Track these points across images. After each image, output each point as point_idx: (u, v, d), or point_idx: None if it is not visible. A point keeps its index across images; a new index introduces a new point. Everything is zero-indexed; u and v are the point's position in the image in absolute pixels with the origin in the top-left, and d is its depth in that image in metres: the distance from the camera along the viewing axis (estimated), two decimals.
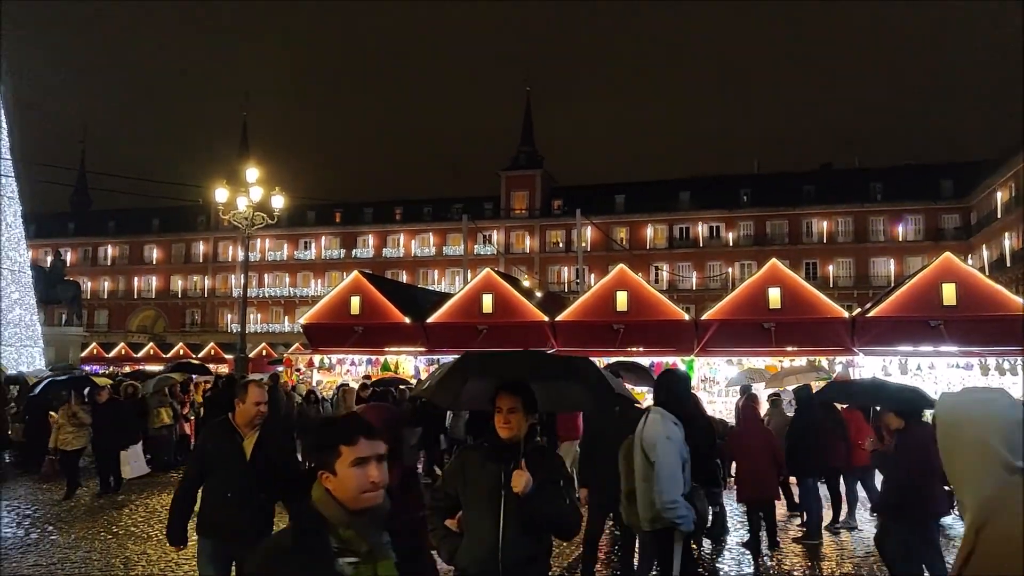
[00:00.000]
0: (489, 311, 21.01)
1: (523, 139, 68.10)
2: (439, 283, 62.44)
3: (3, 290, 26.19)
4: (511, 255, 62.11)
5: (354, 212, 68.47)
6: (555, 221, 63.98)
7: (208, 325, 68.60)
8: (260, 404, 4.47)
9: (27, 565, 7.86)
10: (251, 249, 39.02)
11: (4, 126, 27.26)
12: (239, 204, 21.49)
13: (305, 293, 66.54)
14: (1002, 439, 1.92)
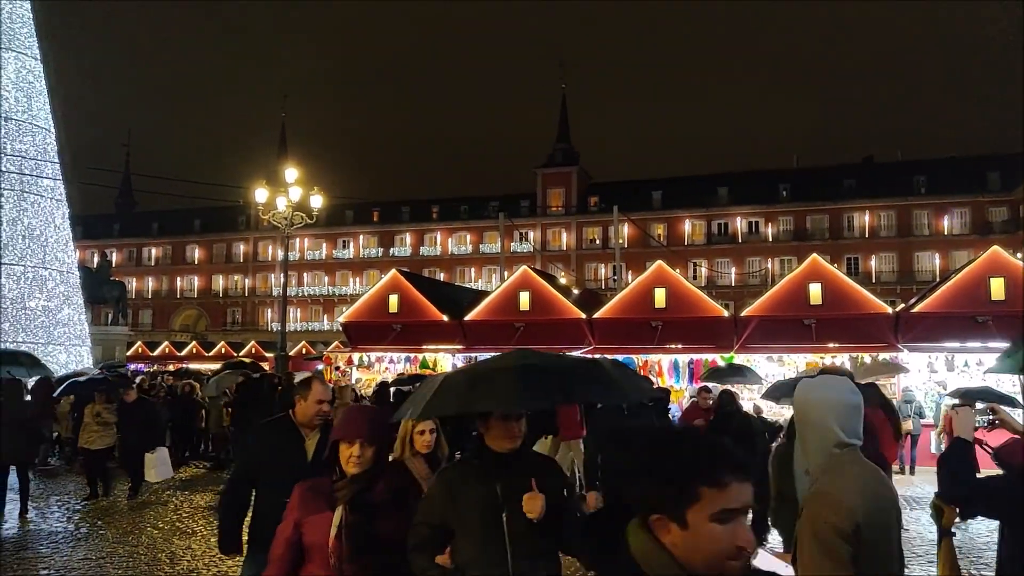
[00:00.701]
0: (526, 308, 21.00)
1: (559, 136, 67.94)
2: (476, 281, 62.63)
3: (53, 290, 26.88)
4: (548, 252, 62.02)
5: (392, 211, 68.99)
6: (591, 218, 63.74)
7: (249, 324, 69.68)
8: (323, 403, 4.11)
9: (77, 559, 8.05)
10: (290, 248, 39.49)
11: (52, 131, 27.96)
12: (278, 204, 21.77)
13: (343, 292, 67.22)
14: (837, 420, 2.44)
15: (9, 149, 26.14)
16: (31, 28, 27.67)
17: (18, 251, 25.97)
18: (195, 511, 10.59)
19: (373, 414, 3.17)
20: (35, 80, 27.56)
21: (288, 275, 33.03)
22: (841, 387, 2.52)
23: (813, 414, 2.49)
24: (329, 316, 66.57)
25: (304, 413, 4.10)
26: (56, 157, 27.94)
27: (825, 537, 2.27)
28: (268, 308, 70.06)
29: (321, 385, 4.15)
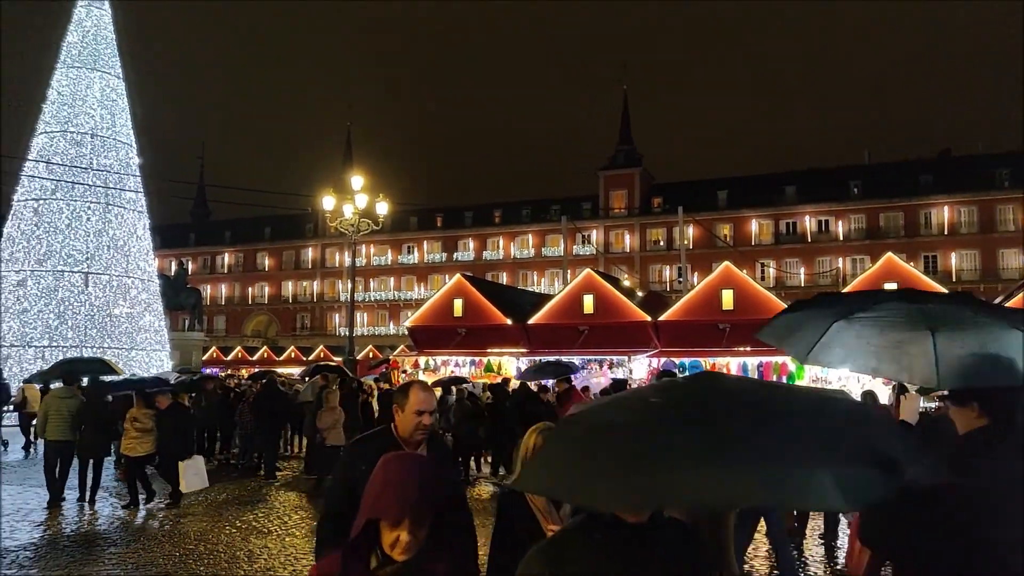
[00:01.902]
0: (590, 312, 20.95)
1: (621, 137, 67.51)
2: (538, 284, 62.67)
3: (136, 298, 28.06)
4: (611, 254, 61.65)
5: (455, 216, 69.66)
6: (655, 219, 63.09)
7: (317, 328, 71.27)
8: (423, 414, 3.47)
9: (163, 554, 8.40)
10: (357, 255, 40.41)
11: (133, 145, 29.21)
12: (345, 211, 22.25)
13: (409, 296, 68.15)
14: None
15: (95, 164, 27.44)
16: (114, 49, 28.99)
17: (104, 261, 27.19)
18: (269, 511, 10.91)
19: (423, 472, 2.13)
20: (118, 98, 28.86)
21: (355, 280, 33.69)
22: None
23: None
24: (395, 320, 67.58)
25: (404, 427, 3.49)
26: (137, 171, 29.16)
27: None
28: (336, 313, 71.54)
29: (422, 392, 3.52)
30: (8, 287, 26.63)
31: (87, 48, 28.34)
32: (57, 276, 26.48)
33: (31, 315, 26.08)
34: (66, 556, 8.33)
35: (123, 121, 28.90)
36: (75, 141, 27.49)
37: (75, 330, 26.22)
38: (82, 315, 26.44)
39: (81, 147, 27.47)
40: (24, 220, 27.22)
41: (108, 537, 9.31)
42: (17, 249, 26.96)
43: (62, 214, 26.93)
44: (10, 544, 8.90)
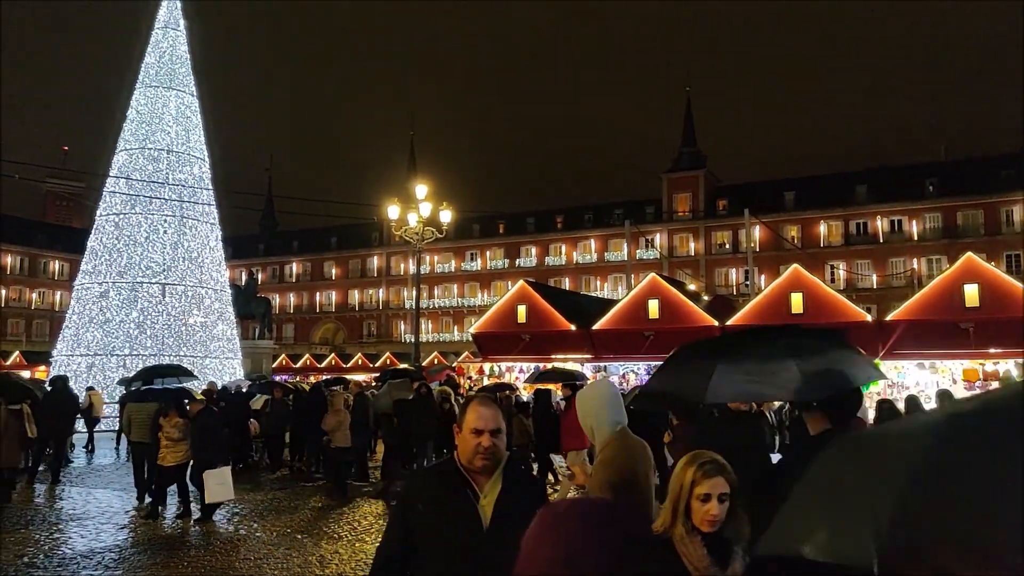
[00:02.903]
0: (655, 316, 20.70)
1: (684, 140, 66.67)
2: (601, 289, 62.30)
3: (209, 307, 28.96)
4: (675, 258, 60.88)
5: (517, 223, 69.86)
6: (720, 222, 62.06)
7: (383, 336, 72.32)
8: (481, 433, 2.76)
9: (239, 558, 8.61)
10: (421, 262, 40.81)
11: (206, 160, 30.20)
12: (410, 220, 22.52)
13: (472, 303, 68.59)
14: (610, 406, 3.69)
15: (171, 179, 28.46)
16: (188, 68, 30.06)
17: (180, 272, 28.14)
18: (339, 517, 11.08)
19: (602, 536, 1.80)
20: (192, 115, 29.89)
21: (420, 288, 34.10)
22: (608, 384, 3.98)
23: (591, 403, 3.76)
24: (459, 327, 68.07)
25: (463, 451, 2.83)
26: (210, 184, 30.11)
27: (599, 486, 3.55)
28: (401, 320, 72.48)
29: (479, 408, 2.84)
30: (91, 298, 27.81)
31: (163, 68, 29.45)
32: (136, 287, 27.51)
33: (113, 325, 27.15)
34: (147, 559, 8.62)
35: (197, 137, 29.91)
36: (152, 157, 28.57)
37: (153, 339, 27.18)
38: (159, 324, 27.40)
39: (158, 163, 28.53)
40: (106, 234, 28.39)
41: (186, 541, 9.60)
42: (100, 262, 28.13)
43: (141, 228, 27.99)
44: (96, 546, 9.25)
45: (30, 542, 9.37)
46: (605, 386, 3.90)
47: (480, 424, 2.80)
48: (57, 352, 28.24)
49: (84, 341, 27.33)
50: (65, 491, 13.24)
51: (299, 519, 10.88)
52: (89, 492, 13.16)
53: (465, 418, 2.85)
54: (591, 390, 3.95)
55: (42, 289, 73.70)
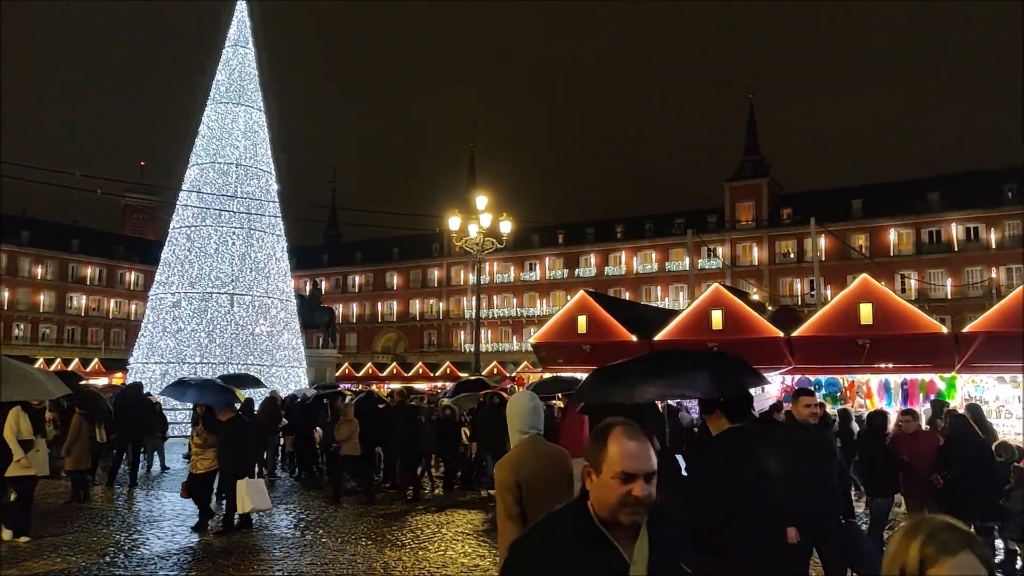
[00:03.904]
0: (719, 327, 20.36)
1: (747, 148, 65.64)
2: (662, 300, 61.63)
3: (275, 317, 29.69)
4: (738, 268, 59.85)
5: (576, 232, 69.73)
6: (784, 231, 60.80)
7: (443, 345, 72.93)
8: (632, 479, 2.07)
9: (305, 563, 8.79)
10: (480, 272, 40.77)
11: (273, 173, 31.05)
12: (470, 231, 22.71)
13: (531, 313, 68.65)
14: (523, 415, 4.07)
15: (239, 192, 29.34)
16: (256, 84, 31.00)
17: (247, 283, 28.93)
18: (402, 524, 11.19)
19: None
20: (259, 129, 30.79)
21: (480, 298, 34.31)
22: (527, 395, 4.31)
23: (511, 411, 4.16)
24: (518, 337, 68.18)
25: (601, 500, 2.10)
26: (276, 197, 30.92)
27: (500, 487, 3.87)
28: (461, 330, 73.00)
29: (630, 441, 2.12)
30: (165, 308, 28.81)
31: (233, 85, 30.44)
32: (206, 297, 28.38)
33: (184, 334, 28.05)
34: (221, 561, 8.86)
35: (264, 151, 30.78)
36: (222, 171, 29.49)
37: (223, 348, 27.98)
38: (228, 334, 28.19)
39: (227, 176, 29.44)
40: (179, 246, 29.39)
41: (257, 544, 9.83)
42: (172, 273, 29.13)
43: (211, 239, 28.89)
44: (172, 547, 9.57)
45: (111, 543, 9.74)
46: (523, 396, 4.27)
47: (631, 465, 2.07)
48: (133, 360, 29.31)
49: (158, 349, 28.31)
50: (142, 494, 13.71)
51: (363, 526, 11.04)
52: (164, 495, 13.59)
53: (604, 455, 2.11)
54: (512, 400, 4.33)
55: (119, 299, 76.68)
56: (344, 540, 10.01)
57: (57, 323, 71.95)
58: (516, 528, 3.72)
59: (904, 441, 8.86)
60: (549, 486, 3.82)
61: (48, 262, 71.20)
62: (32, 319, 70.22)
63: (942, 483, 7.75)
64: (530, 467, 3.90)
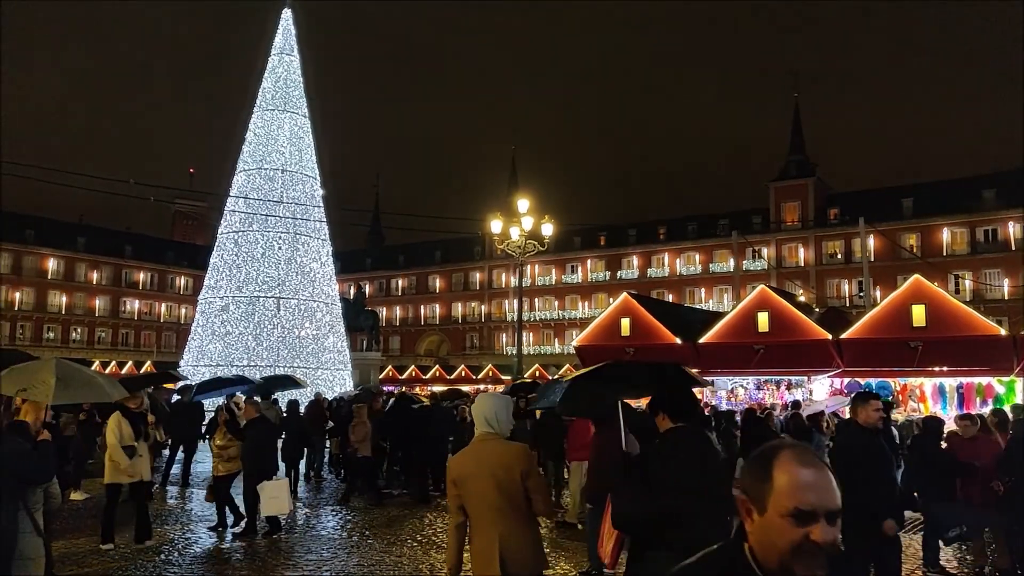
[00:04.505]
0: (765, 329, 20.07)
1: (792, 147, 64.56)
2: (706, 302, 60.93)
3: (320, 320, 30.11)
4: (783, 269, 58.89)
5: (618, 234, 69.33)
6: (831, 231, 59.64)
7: (486, 348, 73.10)
8: (812, 519, 1.60)
9: (352, 564, 8.88)
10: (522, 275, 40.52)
11: (317, 178, 31.51)
12: (512, 234, 22.73)
13: (573, 315, 68.44)
14: (489, 414, 4.30)
15: (285, 197, 29.83)
16: (301, 91, 31.53)
17: (293, 286, 29.41)
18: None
19: None
20: (304, 135, 31.29)
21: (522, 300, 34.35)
22: (498, 396, 4.59)
23: (477, 410, 4.38)
24: (560, 339, 68.02)
25: (767, 544, 1.66)
26: (321, 202, 31.37)
27: (447, 481, 4.33)
28: (503, 333, 73.11)
29: (806, 468, 1.65)
30: (214, 311, 29.42)
31: (279, 93, 30.99)
32: (253, 301, 28.92)
33: (232, 337, 28.62)
34: (270, 560, 9.01)
35: (308, 156, 31.27)
36: (268, 177, 30.04)
37: (269, 350, 28.47)
38: (275, 337, 28.68)
39: (273, 182, 29.97)
40: (227, 251, 30.01)
41: (304, 545, 9.96)
42: (221, 277, 29.75)
43: (257, 244, 29.44)
44: (223, 546, 9.76)
45: (166, 541, 9.96)
46: (483, 399, 4.53)
47: (808, 500, 1.59)
48: (184, 363, 29.99)
49: (207, 353, 28.92)
50: (194, 493, 14.00)
51: (408, 527, 11.11)
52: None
53: (770, 487, 1.63)
54: (476, 401, 4.61)
55: (170, 303, 78.53)
56: (390, 542, 10.08)
57: (112, 327, 73.94)
58: (452, 521, 4.31)
59: (962, 446, 8.61)
60: (486, 484, 4.11)
61: (103, 267, 73.24)
62: (88, 323, 72.26)
63: (1003, 489, 7.52)
64: (466, 465, 4.24)
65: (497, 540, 4.05)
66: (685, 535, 3.53)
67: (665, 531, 3.75)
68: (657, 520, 3.77)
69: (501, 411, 4.38)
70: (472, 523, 4.19)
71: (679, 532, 3.65)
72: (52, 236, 68.94)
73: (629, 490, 4.17)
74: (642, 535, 3.95)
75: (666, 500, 3.77)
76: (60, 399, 7.14)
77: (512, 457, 4.20)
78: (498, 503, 4.08)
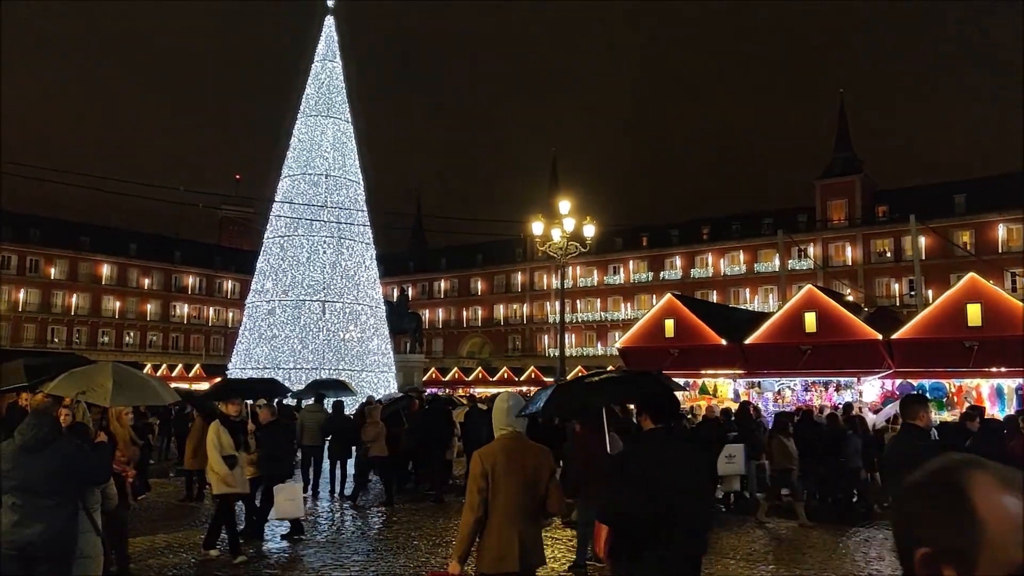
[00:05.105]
0: (812, 330, 19.72)
1: (838, 144, 63.32)
2: (750, 302, 60.09)
3: (365, 323, 30.42)
4: (830, 269, 57.79)
5: (661, 235, 68.77)
6: (880, 229, 58.35)
7: (528, 350, 73.11)
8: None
9: (399, 564, 8.96)
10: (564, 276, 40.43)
11: (361, 183, 31.85)
12: (553, 235, 22.68)
13: (615, 317, 68.05)
14: (500, 416, 4.61)
15: (329, 202, 30.21)
16: (344, 97, 31.90)
17: (338, 290, 29.76)
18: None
19: None
20: (347, 140, 31.65)
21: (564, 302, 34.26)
22: (513, 396, 4.82)
23: (497, 407, 4.67)
24: (602, 341, 67.71)
25: None
26: (364, 206, 31.70)
27: (473, 475, 4.44)
28: (545, 334, 73.02)
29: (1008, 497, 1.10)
30: (260, 315, 29.92)
31: (322, 98, 31.41)
32: (299, 305, 29.33)
33: (279, 340, 29.06)
34: (318, 560, 9.12)
35: (352, 161, 31.62)
36: (312, 182, 30.44)
37: (315, 353, 28.84)
38: (320, 340, 29.04)
39: (317, 187, 30.36)
40: (272, 255, 30.50)
41: (351, 545, 10.08)
42: (267, 281, 30.24)
43: (303, 248, 29.85)
44: (273, 547, 9.91)
45: (221, 539, 10.15)
46: (502, 398, 4.76)
47: None
48: (232, 365, 30.56)
49: (254, 356, 29.40)
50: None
51: (454, 530, 11.12)
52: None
53: (978, 532, 1.10)
54: (496, 403, 4.80)
55: (218, 307, 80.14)
56: (435, 543, 10.14)
57: (163, 331, 75.75)
58: (472, 515, 4.33)
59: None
60: (517, 480, 4.34)
61: (154, 273, 75.07)
62: (140, 327, 74.13)
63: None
64: (498, 462, 4.36)
65: (517, 536, 4.27)
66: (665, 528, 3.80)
67: (647, 525, 3.92)
68: (636, 514, 3.95)
69: (519, 410, 4.77)
70: (492, 518, 4.32)
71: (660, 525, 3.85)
72: (106, 243, 70.93)
73: (611, 485, 4.39)
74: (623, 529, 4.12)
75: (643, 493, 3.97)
76: (117, 401, 7.35)
77: (543, 458, 4.52)
78: (523, 501, 4.34)
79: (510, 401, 4.72)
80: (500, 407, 4.65)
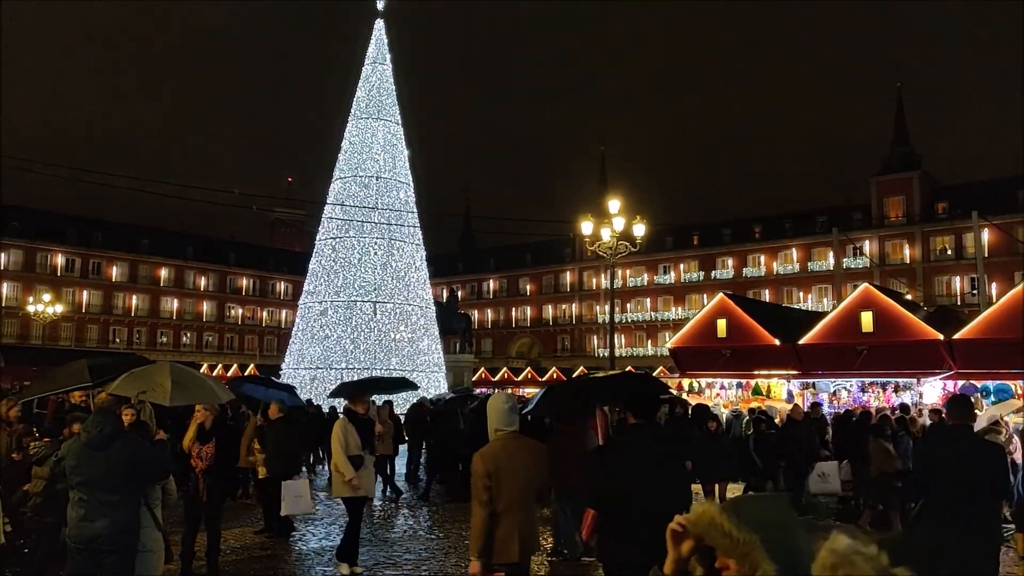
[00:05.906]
0: (869, 330, 19.23)
1: (896, 139, 61.64)
2: (804, 301, 58.89)
3: (415, 323, 30.69)
4: (887, 267, 56.28)
5: (712, 234, 67.86)
6: (939, 226, 56.63)
7: (577, 350, 72.86)
8: None
9: (450, 565, 9.02)
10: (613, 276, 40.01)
11: (411, 184, 32.15)
12: (603, 235, 22.54)
13: (666, 317, 67.38)
14: (497, 415, 4.82)
15: (380, 203, 30.58)
16: (394, 99, 32.25)
17: (389, 290, 30.09)
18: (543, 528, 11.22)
19: None
20: (397, 143, 31.98)
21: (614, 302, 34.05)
22: (505, 396, 5.05)
23: (491, 408, 4.88)
24: (652, 341, 67.11)
25: None
26: (414, 207, 31.98)
27: (478, 475, 4.61)
28: (594, 335, 72.69)
29: None
30: (313, 316, 30.42)
31: (372, 101, 31.81)
32: (351, 306, 29.74)
33: (331, 341, 29.51)
34: (370, 559, 9.22)
35: (402, 163, 31.95)
36: (363, 184, 30.84)
37: (366, 353, 29.21)
38: (371, 340, 29.40)
39: (368, 189, 30.76)
40: (324, 257, 30.99)
41: (403, 544, 10.17)
42: (319, 282, 30.74)
43: (354, 250, 30.27)
44: (326, 544, 10.05)
45: (270, 540, 10.34)
46: (498, 399, 5.00)
47: None
48: (285, 365, 31.14)
49: (307, 356, 29.91)
50: None
51: None
52: (317, 495, 14.28)
53: None
54: (490, 401, 5.03)
55: (271, 308, 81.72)
56: (460, 536, 10.15)
57: (218, 331, 77.53)
58: (483, 512, 4.57)
59: None
60: (518, 478, 4.65)
61: (210, 275, 76.90)
62: (196, 328, 76.01)
63: None
64: (501, 461, 4.64)
65: (518, 527, 4.63)
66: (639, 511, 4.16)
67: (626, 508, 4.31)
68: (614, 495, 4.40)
69: (515, 410, 5.01)
70: (496, 512, 4.66)
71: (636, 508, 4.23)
72: (164, 245, 72.91)
73: (594, 472, 4.85)
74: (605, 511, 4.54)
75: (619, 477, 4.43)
76: (175, 401, 7.55)
77: (542, 455, 4.92)
78: (523, 495, 4.72)
79: (509, 402, 4.99)
80: (500, 407, 4.88)
